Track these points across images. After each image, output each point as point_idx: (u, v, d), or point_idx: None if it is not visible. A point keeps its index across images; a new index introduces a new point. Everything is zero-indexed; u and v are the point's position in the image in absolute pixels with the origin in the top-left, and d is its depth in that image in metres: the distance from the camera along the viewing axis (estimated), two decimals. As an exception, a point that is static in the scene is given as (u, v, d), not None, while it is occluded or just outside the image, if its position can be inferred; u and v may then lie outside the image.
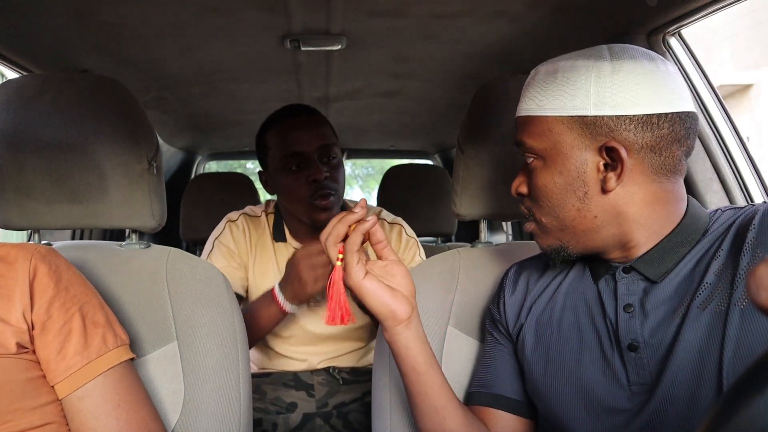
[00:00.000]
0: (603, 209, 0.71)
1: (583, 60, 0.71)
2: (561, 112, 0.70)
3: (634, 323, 0.71)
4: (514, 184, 0.79)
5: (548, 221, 0.75)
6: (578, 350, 0.76)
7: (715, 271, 0.67)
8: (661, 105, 0.68)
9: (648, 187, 0.70)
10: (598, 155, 0.69)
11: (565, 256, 0.76)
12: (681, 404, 0.65)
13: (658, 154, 0.68)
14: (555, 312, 0.80)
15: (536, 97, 0.73)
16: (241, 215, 1.47)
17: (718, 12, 1.08)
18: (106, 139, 0.94)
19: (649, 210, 0.70)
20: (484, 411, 0.85)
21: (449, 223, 2.32)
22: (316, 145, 1.33)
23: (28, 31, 1.25)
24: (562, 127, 0.71)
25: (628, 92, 0.68)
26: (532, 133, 0.73)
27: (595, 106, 0.68)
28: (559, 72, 0.72)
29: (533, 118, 0.73)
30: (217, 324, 0.96)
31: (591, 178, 0.70)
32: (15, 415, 0.72)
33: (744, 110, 8.50)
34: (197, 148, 2.92)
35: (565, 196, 0.72)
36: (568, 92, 0.70)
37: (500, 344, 0.87)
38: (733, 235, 0.68)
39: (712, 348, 0.64)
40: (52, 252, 0.80)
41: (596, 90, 0.68)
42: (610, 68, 0.69)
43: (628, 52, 0.70)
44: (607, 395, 0.72)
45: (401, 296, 0.76)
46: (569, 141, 0.70)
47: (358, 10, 1.26)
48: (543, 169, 0.73)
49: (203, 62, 1.59)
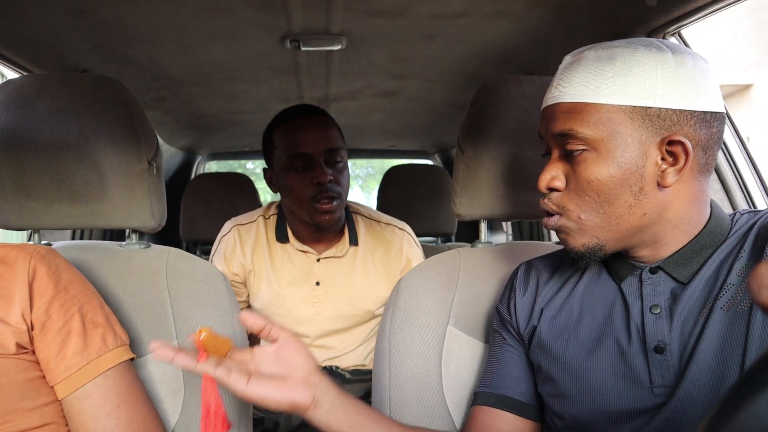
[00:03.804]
0: (653, 206, 0.68)
1: (644, 48, 0.67)
2: (624, 100, 0.66)
3: (662, 324, 0.70)
4: (544, 178, 0.73)
5: (589, 218, 0.70)
6: (598, 353, 0.74)
7: (737, 272, 0.67)
8: (713, 103, 0.67)
9: (692, 186, 0.69)
10: (658, 149, 0.67)
11: (599, 256, 0.72)
12: (702, 403, 0.65)
13: (706, 152, 0.68)
14: (573, 314, 0.78)
15: (589, 82, 0.68)
16: (233, 228, 1.46)
17: (718, 12, 1.08)
18: (106, 139, 0.94)
19: (687, 209, 0.69)
20: (489, 411, 0.84)
21: (449, 223, 2.32)
22: (323, 147, 1.32)
23: (28, 31, 1.25)
24: (623, 117, 0.66)
25: (692, 87, 0.66)
26: (586, 121, 0.68)
27: (662, 97, 0.65)
28: (617, 57, 0.67)
29: (588, 106, 0.68)
30: (217, 324, 0.96)
31: (650, 172, 0.67)
32: (14, 416, 0.72)
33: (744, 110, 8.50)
34: (197, 148, 2.92)
35: (619, 190, 0.68)
36: (631, 80, 0.66)
37: (509, 345, 0.86)
38: (754, 236, 0.68)
39: (735, 348, 0.64)
40: (51, 252, 0.80)
41: (663, 81, 0.65)
42: (674, 61, 0.66)
43: (680, 47, 0.69)
44: (629, 398, 0.70)
45: (295, 383, 0.70)
46: (630, 132, 0.66)
47: (358, 10, 1.26)
48: (596, 161, 0.68)
49: (203, 62, 1.59)
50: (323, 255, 1.42)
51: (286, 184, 1.35)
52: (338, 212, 1.35)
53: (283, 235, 1.43)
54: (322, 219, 1.32)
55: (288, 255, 1.43)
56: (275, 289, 1.41)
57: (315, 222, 1.34)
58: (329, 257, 1.43)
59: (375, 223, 1.50)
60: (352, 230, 1.45)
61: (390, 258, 1.44)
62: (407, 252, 1.45)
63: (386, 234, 1.47)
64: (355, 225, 1.47)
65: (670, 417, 0.66)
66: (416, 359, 0.99)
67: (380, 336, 1.04)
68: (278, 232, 1.44)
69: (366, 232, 1.48)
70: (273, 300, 1.41)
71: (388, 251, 1.45)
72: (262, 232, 1.45)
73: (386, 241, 1.46)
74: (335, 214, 1.33)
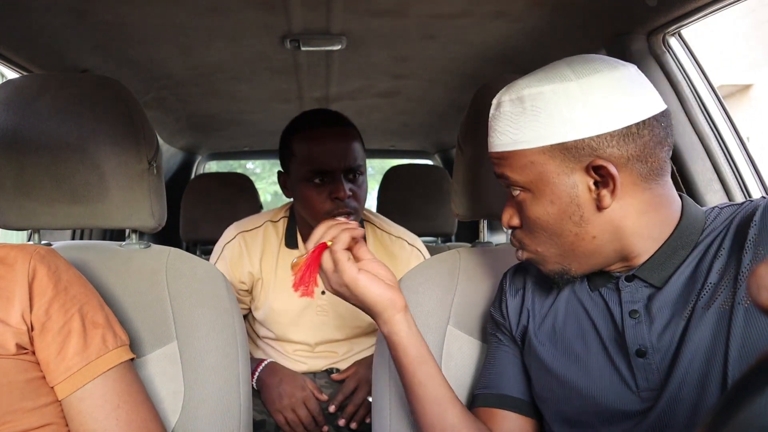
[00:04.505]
0: (601, 228, 0.69)
1: (547, 84, 0.68)
2: (539, 142, 0.68)
3: (642, 329, 0.70)
4: (504, 218, 0.77)
5: (545, 249, 0.73)
6: (585, 358, 0.75)
7: (717, 270, 0.67)
8: (636, 113, 0.66)
9: (641, 196, 0.69)
10: (587, 175, 0.68)
11: (569, 279, 0.75)
12: (688, 404, 0.65)
13: (645, 161, 0.67)
14: (558, 319, 0.79)
15: (508, 131, 0.71)
16: (239, 234, 1.43)
17: (718, 12, 1.08)
18: (106, 139, 0.94)
19: (645, 219, 0.69)
20: (489, 412, 0.84)
21: (449, 223, 2.32)
22: (345, 165, 1.29)
23: (28, 31, 1.25)
24: (543, 157, 0.68)
25: (602, 109, 0.66)
26: (514, 168, 0.71)
27: (573, 129, 0.66)
28: (526, 101, 0.69)
29: (511, 153, 0.71)
30: (217, 324, 0.96)
31: (584, 199, 0.69)
32: (14, 416, 0.72)
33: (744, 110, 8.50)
34: (197, 148, 2.92)
35: (561, 223, 0.70)
36: (541, 121, 0.68)
37: (504, 345, 0.87)
38: (733, 232, 0.68)
39: (718, 347, 0.64)
40: (51, 253, 0.80)
41: (570, 114, 0.66)
42: (578, 88, 0.67)
43: (589, 65, 0.69)
44: (617, 402, 0.71)
45: (391, 287, 0.79)
46: (554, 169, 0.68)
47: (358, 10, 1.26)
48: (533, 200, 0.71)
49: (203, 62, 1.59)
50: None
51: (303, 194, 1.31)
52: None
53: (292, 241, 1.41)
54: None
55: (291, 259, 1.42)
56: (280, 295, 1.40)
57: None
58: None
59: (386, 235, 1.47)
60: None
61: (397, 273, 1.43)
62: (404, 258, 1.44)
63: (395, 248, 1.45)
64: (365, 235, 1.46)
65: (658, 419, 0.67)
66: (416, 359, 0.99)
67: (380, 337, 1.04)
68: (288, 238, 1.42)
69: (375, 243, 1.45)
70: (277, 307, 1.40)
71: (396, 266, 1.42)
72: (270, 236, 1.43)
73: (394, 256, 1.44)
74: None
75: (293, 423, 1.31)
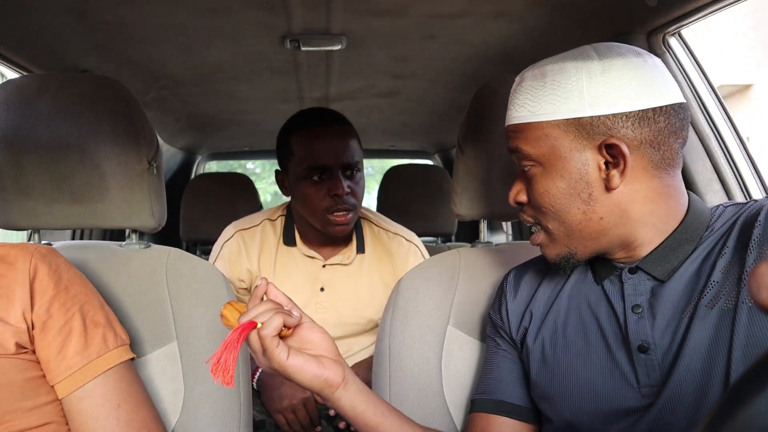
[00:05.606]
0: (608, 209, 0.70)
1: (571, 61, 0.70)
2: (556, 116, 0.69)
3: (644, 324, 0.70)
4: (511, 194, 0.78)
5: (554, 227, 0.74)
6: (585, 353, 0.75)
7: (721, 268, 0.67)
8: (654, 99, 0.68)
9: (650, 183, 0.69)
10: (599, 154, 0.69)
11: (573, 263, 0.75)
12: (689, 402, 0.65)
13: (657, 148, 0.68)
14: (560, 315, 0.79)
15: (527, 104, 0.72)
16: (237, 233, 1.44)
17: (718, 12, 1.08)
18: (106, 139, 0.94)
19: (652, 206, 0.70)
20: (487, 418, 0.84)
21: (449, 223, 2.32)
22: (343, 161, 1.30)
23: (28, 31, 1.25)
24: (558, 131, 0.70)
25: (621, 89, 0.67)
26: (528, 140, 0.72)
27: (590, 106, 0.68)
28: (547, 75, 0.71)
29: (527, 125, 0.72)
30: (217, 324, 0.96)
31: (594, 177, 0.69)
32: (14, 416, 0.72)
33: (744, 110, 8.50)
34: (197, 148, 2.92)
35: (570, 199, 0.71)
36: (560, 95, 0.69)
37: (503, 350, 0.86)
38: (738, 231, 0.68)
39: (721, 347, 0.64)
40: (52, 252, 0.80)
41: (589, 90, 0.68)
42: (600, 67, 0.68)
43: (614, 49, 0.70)
44: (617, 398, 0.71)
45: (327, 361, 0.73)
46: (567, 144, 0.70)
47: (358, 10, 1.26)
48: (543, 175, 0.72)
49: (203, 62, 1.59)
50: (329, 261, 1.42)
51: (301, 192, 1.33)
52: (351, 224, 1.34)
53: (290, 239, 1.42)
54: (334, 230, 1.32)
55: (294, 259, 1.42)
56: None
57: (327, 232, 1.33)
58: (335, 264, 1.42)
59: (383, 232, 1.48)
60: (359, 237, 1.44)
61: (395, 269, 1.43)
62: (413, 265, 1.44)
63: (392, 245, 1.46)
64: (363, 232, 1.46)
65: (658, 416, 0.67)
66: (416, 359, 0.99)
67: (380, 336, 1.04)
68: (286, 236, 1.42)
69: (373, 240, 1.46)
70: None
71: (394, 263, 1.43)
72: (268, 235, 1.44)
73: (392, 253, 1.45)
74: (348, 226, 1.33)
75: (293, 424, 1.32)
